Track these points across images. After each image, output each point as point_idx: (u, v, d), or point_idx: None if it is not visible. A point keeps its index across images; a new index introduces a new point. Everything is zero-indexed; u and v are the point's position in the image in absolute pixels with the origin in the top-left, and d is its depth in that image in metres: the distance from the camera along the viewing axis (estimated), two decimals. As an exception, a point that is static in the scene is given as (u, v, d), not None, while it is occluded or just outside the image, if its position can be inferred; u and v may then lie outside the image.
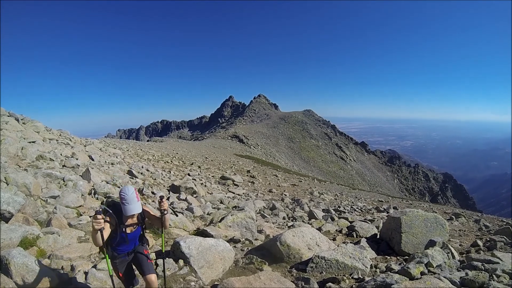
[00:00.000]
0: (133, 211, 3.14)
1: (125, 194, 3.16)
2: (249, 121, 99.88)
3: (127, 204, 3.14)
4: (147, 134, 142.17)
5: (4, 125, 10.65)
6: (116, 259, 3.41)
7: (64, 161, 10.03)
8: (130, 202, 3.15)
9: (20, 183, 6.10)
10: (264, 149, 70.30)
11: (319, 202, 16.49)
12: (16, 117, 13.24)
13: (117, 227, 3.24)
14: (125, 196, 3.15)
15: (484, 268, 3.85)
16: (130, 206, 3.14)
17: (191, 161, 26.55)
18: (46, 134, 13.69)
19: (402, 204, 20.81)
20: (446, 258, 4.58)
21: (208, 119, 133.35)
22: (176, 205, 9.60)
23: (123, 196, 3.16)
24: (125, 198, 3.14)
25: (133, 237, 3.42)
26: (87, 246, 4.69)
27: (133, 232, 3.40)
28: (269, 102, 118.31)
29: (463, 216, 12.48)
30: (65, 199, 6.64)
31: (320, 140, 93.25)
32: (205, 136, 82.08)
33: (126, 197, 3.15)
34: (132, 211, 3.14)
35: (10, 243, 4.05)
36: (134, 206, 3.15)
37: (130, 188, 3.23)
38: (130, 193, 3.17)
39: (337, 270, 4.68)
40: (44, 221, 5.40)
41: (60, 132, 16.81)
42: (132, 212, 3.14)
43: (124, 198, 3.15)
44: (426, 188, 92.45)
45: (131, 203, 3.15)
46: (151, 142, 56.32)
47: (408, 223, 6.05)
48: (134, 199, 3.16)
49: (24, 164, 8.31)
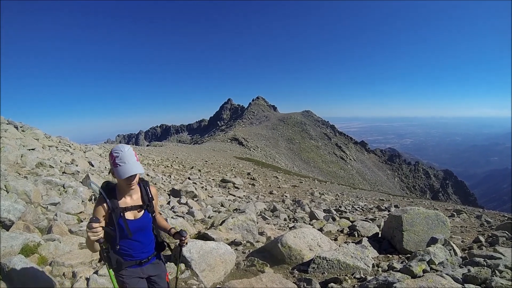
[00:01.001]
0: (131, 171, 2.21)
1: (119, 152, 2.24)
2: (248, 123, 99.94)
3: (122, 164, 2.21)
4: (147, 138, 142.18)
5: (4, 133, 10.65)
6: (123, 271, 2.39)
7: (64, 167, 10.02)
8: (127, 160, 2.22)
9: (20, 191, 6.10)
10: (264, 151, 70.28)
11: (320, 203, 16.47)
12: (15, 124, 13.23)
13: (111, 214, 2.28)
14: (119, 153, 2.23)
15: (487, 264, 3.84)
16: (127, 166, 2.21)
17: (191, 165, 26.54)
18: (45, 141, 13.69)
19: (403, 202, 20.80)
20: (448, 255, 4.58)
21: (207, 123, 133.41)
22: (177, 209, 9.58)
23: (117, 154, 2.22)
24: (120, 156, 2.22)
25: (139, 227, 2.41)
26: (88, 252, 4.67)
27: (137, 219, 2.41)
28: (268, 104, 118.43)
29: (465, 212, 12.47)
30: (66, 205, 6.63)
31: (320, 141, 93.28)
32: (204, 140, 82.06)
33: (121, 154, 2.22)
34: (129, 171, 2.21)
35: (11, 251, 4.04)
36: (132, 166, 2.23)
37: (125, 145, 2.32)
38: (126, 150, 2.26)
39: (339, 270, 4.67)
40: (45, 228, 5.39)
41: (60, 139, 16.81)
42: (130, 173, 2.20)
43: (118, 157, 2.22)
44: (427, 185, 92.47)
45: (128, 162, 2.22)
46: (151, 146, 56.30)
47: (409, 221, 6.04)
48: (132, 157, 2.25)
49: (24, 171, 8.30)
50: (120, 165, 2.21)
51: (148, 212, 2.50)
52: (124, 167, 2.21)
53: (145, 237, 2.49)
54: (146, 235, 2.50)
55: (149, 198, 2.53)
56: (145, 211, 2.48)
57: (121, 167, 2.21)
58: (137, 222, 2.40)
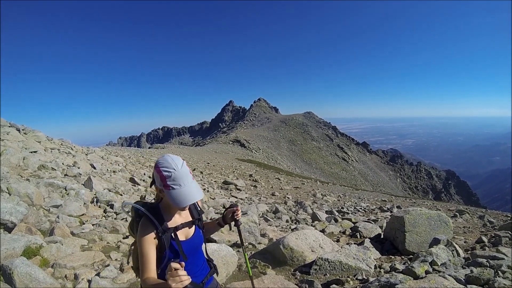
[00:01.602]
0: (190, 199, 1.72)
1: (171, 171, 1.71)
2: (250, 125, 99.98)
3: (177, 187, 1.70)
4: (149, 141, 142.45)
5: (6, 136, 10.69)
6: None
7: (66, 170, 10.04)
8: (183, 181, 1.72)
9: (22, 193, 6.11)
10: (265, 152, 70.27)
11: (322, 204, 16.44)
12: (17, 127, 13.27)
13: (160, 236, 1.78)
14: (171, 173, 1.71)
15: (489, 265, 3.82)
16: (184, 191, 1.71)
17: (193, 166, 26.56)
18: (47, 143, 13.72)
19: (406, 203, 20.74)
20: (450, 255, 4.56)
21: (209, 125, 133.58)
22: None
23: (168, 174, 1.71)
24: (173, 177, 1.70)
25: (193, 247, 1.98)
26: (90, 254, 4.69)
27: (190, 238, 1.98)
28: (270, 106, 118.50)
29: (467, 213, 12.42)
30: (68, 208, 6.65)
31: (322, 142, 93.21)
32: (206, 142, 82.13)
33: (175, 174, 1.71)
34: (188, 198, 1.71)
35: (13, 253, 4.05)
36: (191, 190, 1.74)
37: (176, 157, 1.79)
38: (180, 167, 1.73)
39: (341, 271, 4.66)
40: (47, 230, 5.41)
41: (62, 141, 16.85)
42: (189, 202, 1.72)
43: (170, 177, 1.71)
44: (429, 186, 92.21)
45: (184, 184, 1.72)
46: (153, 149, 56.39)
47: (411, 222, 6.02)
48: (188, 177, 1.75)
49: (26, 174, 8.32)
50: (175, 188, 1.70)
51: (199, 228, 2.09)
52: (180, 192, 1.71)
53: (199, 257, 2.09)
54: (200, 254, 2.10)
55: (198, 211, 2.13)
56: (196, 227, 2.06)
57: (176, 191, 1.70)
58: (190, 242, 1.96)
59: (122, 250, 5.31)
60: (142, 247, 1.74)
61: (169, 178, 1.71)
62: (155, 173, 1.80)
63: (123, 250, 5.31)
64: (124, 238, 5.92)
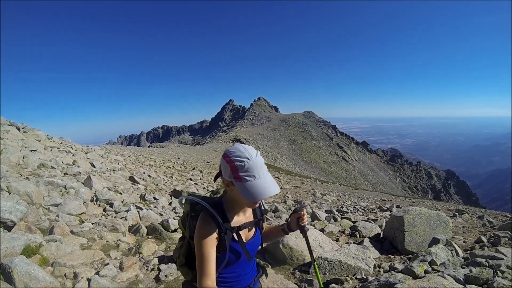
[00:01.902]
0: (267, 192, 1.48)
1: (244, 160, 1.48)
2: (250, 124, 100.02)
3: (251, 179, 1.48)
4: (148, 140, 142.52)
5: (5, 134, 10.68)
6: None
7: (66, 168, 10.04)
8: (259, 172, 1.49)
9: (22, 192, 6.11)
10: (265, 151, 70.31)
11: (322, 203, 16.45)
12: (17, 126, 13.26)
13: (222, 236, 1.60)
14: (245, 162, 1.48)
15: (488, 265, 3.83)
16: (260, 183, 1.49)
17: (193, 165, 26.57)
18: (47, 142, 13.71)
19: (405, 202, 20.76)
20: (450, 255, 4.56)
21: (208, 123, 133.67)
22: (179, 210, 9.59)
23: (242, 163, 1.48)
24: (247, 166, 1.47)
25: (252, 250, 1.80)
26: (89, 253, 4.69)
27: (252, 240, 1.81)
28: (269, 105, 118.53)
29: (467, 213, 12.43)
30: (67, 206, 6.64)
31: (321, 141, 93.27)
32: (206, 141, 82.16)
33: (249, 164, 1.48)
34: (265, 191, 1.48)
35: (13, 252, 4.05)
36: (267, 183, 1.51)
37: (249, 147, 1.57)
38: (254, 156, 1.50)
39: (340, 270, 4.66)
40: (46, 229, 5.40)
41: (61, 140, 16.84)
42: (267, 195, 1.47)
43: (244, 167, 1.48)
44: (429, 185, 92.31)
45: (259, 175, 1.49)
46: (152, 147, 56.39)
47: (411, 222, 6.03)
48: (263, 168, 1.53)
49: (26, 172, 8.32)
50: (248, 180, 1.47)
51: (259, 229, 1.89)
52: (254, 184, 1.47)
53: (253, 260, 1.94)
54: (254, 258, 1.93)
55: (262, 210, 1.91)
56: (256, 228, 1.87)
57: (250, 183, 1.47)
58: (251, 244, 1.78)
59: (122, 248, 5.31)
60: (202, 247, 1.54)
61: (242, 169, 1.47)
62: (223, 163, 1.57)
63: (122, 248, 5.31)
64: (123, 236, 5.92)
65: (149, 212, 7.72)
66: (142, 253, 5.14)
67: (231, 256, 1.65)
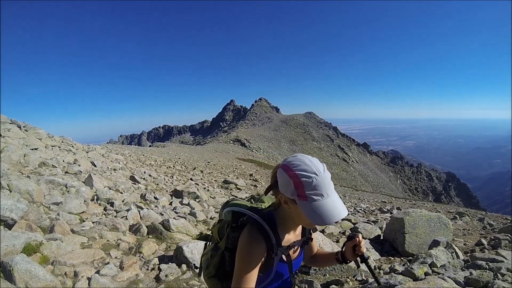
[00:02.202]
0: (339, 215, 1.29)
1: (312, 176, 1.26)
2: (251, 124, 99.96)
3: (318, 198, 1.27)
4: (149, 139, 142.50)
5: (7, 133, 10.69)
6: None
7: (67, 167, 10.05)
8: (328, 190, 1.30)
9: (22, 190, 6.13)
10: (266, 152, 70.28)
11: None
12: (18, 124, 13.28)
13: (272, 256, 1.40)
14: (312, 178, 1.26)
15: (489, 267, 3.83)
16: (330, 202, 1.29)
17: (194, 165, 26.56)
18: (48, 141, 13.73)
19: (406, 204, 20.73)
20: (450, 257, 4.56)
21: (209, 124, 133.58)
22: (179, 209, 9.59)
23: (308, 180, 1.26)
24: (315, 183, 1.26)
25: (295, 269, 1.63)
26: (90, 252, 4.69)
27: (296, 260, 1.62)
28: (271, 105, 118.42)
29: (467, 215, 12.42)
30: (68, 205, 6.65)
31: (322, 142, 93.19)
32: (207, 141, 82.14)
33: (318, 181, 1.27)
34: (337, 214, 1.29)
35: (13, 250, 4.06)
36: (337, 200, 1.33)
37: (313, 158, 1.36)
38: (322, 170, 1.30)
39: (341, 272, 4.66)
40: (47, 227, 5.41)
41: (62, 139, 16.85)
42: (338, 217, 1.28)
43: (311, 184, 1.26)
44: (429, 187, 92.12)
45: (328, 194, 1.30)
46: (153, 147, 56.39)
47: (411, 224, 6.03)
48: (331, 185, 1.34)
49: (27, 171, 8.33)
50: (316, 200, 1.25)
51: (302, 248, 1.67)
52: (324, 204, 1.26)
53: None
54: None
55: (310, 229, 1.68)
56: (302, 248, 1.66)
57: (318, 203, 1.26)
58: (296, 264, 1.59)
59: (122, 248, 5.31)
60: (245, 265, 1.35)
61: (309, 186, 1.25)
62: (284, 177, 1.32)
63: (123, 248, 5.32)
64: (124, 236, 5.93)
65: (149, 212, 7.73)
66: (143, 252, 5.15)
67: (274, 277, 1.48)
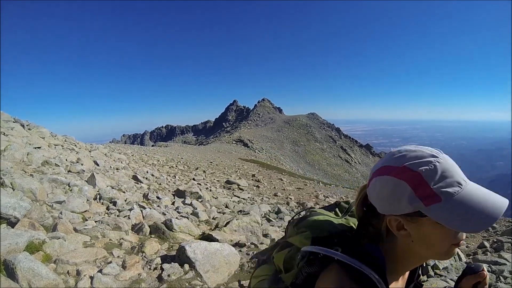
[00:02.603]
0: (501, 201, 0.87)
1: (432, 157, 0.86)
2: (254, 125, 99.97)
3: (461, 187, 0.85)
4: (152, 139, 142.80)
5: (10, 131, 10.75)
6: None
7: (69, 166, 10.09)
8: (461, 174, 0.89)
9: (26, 189, 6.15)
10: (269, 153, 70.27)
11: (325, 206, 16.40)
12: (22, 123, 13.35)
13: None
14: (435, 160, 0.85)
15: (491, 270, 3.81)
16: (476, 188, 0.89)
17: (196, 165, 26.60)
18: (51, 140, 13.79)
19: (408, 206, 20.64)
20: (452, 260, 4.55)
21: (212, 124, 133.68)
22: (182, 209, 9.60)
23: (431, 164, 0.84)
24: (444, 166, 0.86)
25: None
26: (92, 251, 4.71)
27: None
28: (273, 106, 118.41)
29: (470, 218, 12.36)
30: (71, 204, 6.68)
31: (325, 143, 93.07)
32: (209, 141, 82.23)
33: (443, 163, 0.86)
34: (499, 200, 0.87)
35: (16, 248, 4.07)
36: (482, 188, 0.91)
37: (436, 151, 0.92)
38: (439, 151, 0.91)
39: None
40: (49, 226, 5.43)
41: (65, 138, 16.92)
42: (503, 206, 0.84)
43: (437, 169, 0.83)
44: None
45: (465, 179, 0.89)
46: (156, 147, 56.48)
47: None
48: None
49: (30, 169, 8.37)
50: (455, 192, 0.85)
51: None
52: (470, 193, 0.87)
53: None
54: None
55: (419, 274, 1.17)
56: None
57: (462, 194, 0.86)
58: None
59: (125, 247, 5.33)
60: None
61: (435, 176, 0.84)
62: (389, 184, 0.92)
63: (125, 247, 5.33)
64: (126, 235, 5.94)
65: (152, 211, 7.74)
66: (145, 252, 5.15)
67: None
